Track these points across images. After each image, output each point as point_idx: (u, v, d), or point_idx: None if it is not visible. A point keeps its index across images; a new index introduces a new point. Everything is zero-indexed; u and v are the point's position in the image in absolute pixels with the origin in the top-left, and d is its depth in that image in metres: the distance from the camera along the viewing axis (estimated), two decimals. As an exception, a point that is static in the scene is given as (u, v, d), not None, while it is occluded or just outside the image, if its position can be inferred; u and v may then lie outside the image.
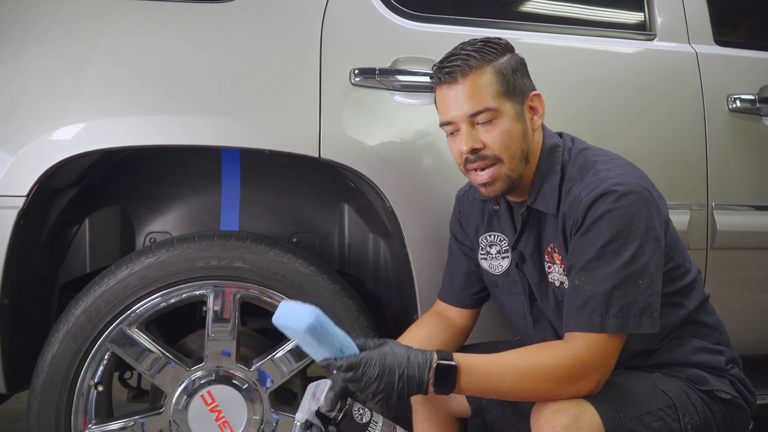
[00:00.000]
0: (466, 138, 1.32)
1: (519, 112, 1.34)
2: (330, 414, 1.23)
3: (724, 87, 1.87)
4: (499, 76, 1.32)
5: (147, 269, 1.58)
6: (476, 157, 1.33)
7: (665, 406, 1.27)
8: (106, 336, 1.58)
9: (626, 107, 1.78)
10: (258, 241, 1.64)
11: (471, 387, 1.21)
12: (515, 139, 1.33)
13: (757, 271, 1.91)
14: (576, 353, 1.21)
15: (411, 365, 1.17)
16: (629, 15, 1.94)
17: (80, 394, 1.58)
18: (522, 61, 1.38)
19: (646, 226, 1.24)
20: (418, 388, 1.18)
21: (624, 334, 1.22)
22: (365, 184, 1.65)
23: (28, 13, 1.53)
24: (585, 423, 1.17)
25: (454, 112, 1.33)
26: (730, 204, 1.86)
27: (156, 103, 1.55)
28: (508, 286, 1.49)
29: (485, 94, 1.31)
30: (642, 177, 1.31)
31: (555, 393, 1.20)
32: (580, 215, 1.26)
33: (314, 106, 1.59)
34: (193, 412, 1.62)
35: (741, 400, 1.36)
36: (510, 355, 1.25)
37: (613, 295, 1.21)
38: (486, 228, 1.52)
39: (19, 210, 1.48)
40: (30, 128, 1.50)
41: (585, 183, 1.29)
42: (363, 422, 1.24)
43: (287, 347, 1.65)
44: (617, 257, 1.22)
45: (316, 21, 1.61)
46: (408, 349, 1.20)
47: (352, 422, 1.24)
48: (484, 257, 1.52)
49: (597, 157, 1.34)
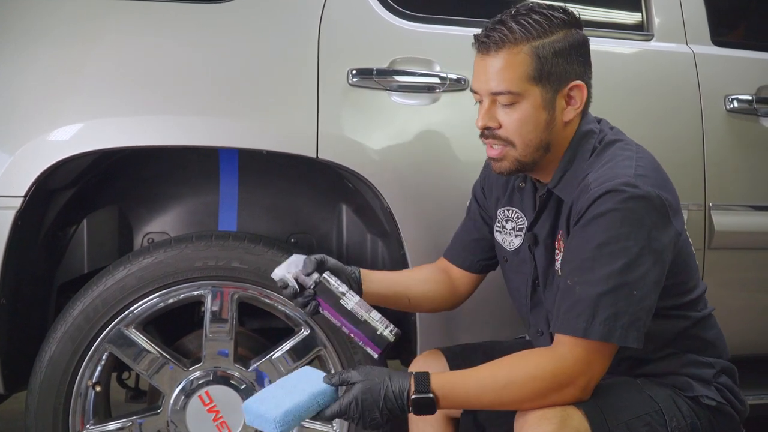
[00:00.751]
0: (483, 115, 1.28)
1: (548, 100, 1.27)
2: (307, 280, 1.34)
3: (722, 87, 1.87)
4: (534, 58, 1.24)
5: (145, 270, 1.58)
6: (489, 134, 1.30)
7: (652, 411, 1.23)
8: (104, 336, 1.58)
9: (623, 107, 1.78)
10: (256, 241, 1.64)
11: (453, 407, 1.22)
12: (534, 128, 1.27)
13: (755, 271, 1.91)
14: (558, 361, 1.17)
15: (389, 399, 1.17)
16: (626, 15, 1.94)
17: (78, 395, 1.59)
18: (576, 42, 1.28)
19: (650, 237, 1.17)
20: (403, 412, 1.19)
21: (611, 344, 1.17)
22: (363, 184, 1.66)
23: (26, 13, 1.53)
24: (571, 429, 1.14)
25: (479, 85, 1.29)
26: (727, 204, 1.86)
27: (154, 104, 1.55)
28: (517, 264, 1.45)
29: (513, 76, 1.24)
30: (663, 186, 1.24)
31: (539, 403, 1.17)
32: (583, 206, 1.20)
33: (312, 107, 1.59)
34: (191, 413, 1.62)
35: (728, 407, 1.31)
36: (489, 369, 1.21)
37: (602, 301, 1.15)
38: (506, 202, 1.47)
39: (17, 210, 1.48)
40: (28, 128, 1.50)
41: (599, 174, 1.23)
42: (340, 291, 1.33)
43: (285, 347, 1.65)
44: (613, 261, 1.16)
45: (314, 21, 1.61)
46: (383, 381, 1.18)
47: (327, 289, 1.33)
48: (499, 230, 1.49)
49: (624, 152, 1.27)
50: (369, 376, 1.19)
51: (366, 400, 1.17)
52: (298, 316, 1.65)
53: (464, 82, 1.67)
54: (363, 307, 1.33)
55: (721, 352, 1.37)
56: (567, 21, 1.28)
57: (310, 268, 1.35)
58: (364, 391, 1.17)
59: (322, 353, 1.67)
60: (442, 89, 1.66)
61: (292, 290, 1.35)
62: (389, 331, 1.31)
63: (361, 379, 1.18)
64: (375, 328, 1.31)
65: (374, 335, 1.31)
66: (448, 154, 1.68)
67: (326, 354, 1.67)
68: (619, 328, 1.15)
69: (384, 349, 1.32)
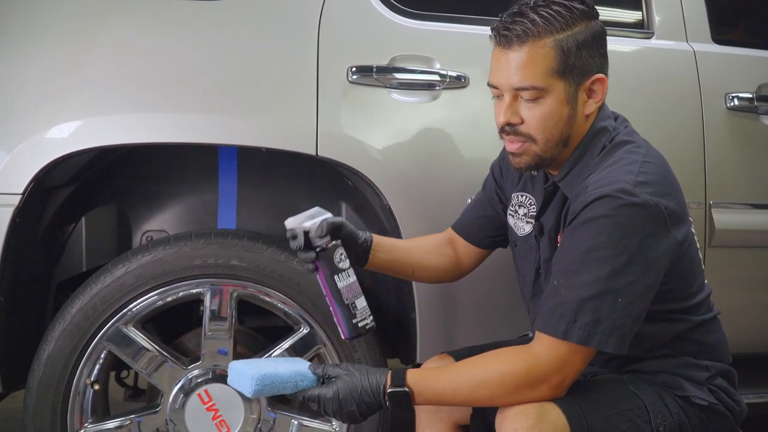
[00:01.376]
0: (505, 110, 1.25)
1: (571, 94, 1.24)
2: (316, 241, 1.32)
3: (722, 85, 1.87)
4: (558, 52, 1.21)
5: (143, 267, 1.57)
6: (511, 130, 1.27)
7: (635, 408, 1.23)
8: (102, 334, 1.57)
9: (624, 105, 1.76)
10: (255, 239, 1.63)
11: (429, 402, 1.24)
12: (556, 123, 1.25)
13: (755, 269, 1.91)
14: (533, 359, 1.17)
15: (365, 392, 1.21)
16: (627, 13, 1.94)
17: (76, 393, 1.58)
18: (597, 34, 1.26)
19: (643, 245, 1.16)
20: (380, 407, 1.21)
21: (589, 348, 1.16)
22: (363, 182, 1.65)
23: (24, 10, 1.53)
24: (548, 424, 1.15)
25: (500, 80, 1.25)
26: (728, 202, 1.86)
27: (153, 101, 1.54)
28: (525, 251, 1.45)
29: (537, 71, 1.21)
30: (666, 194, 1.21)
31: (513, 399, 1.18)
32: (578, 208, 1.20)
33: (312, 104, 1.58)
34: (189, 411, 1.62)
35: (722, 407, 1.30)
36: (466, 366, 1.23)
37: (585, 306, 1.15)
38: (521, 187, 1.46)
39: (15, 208, 1.47)
40: (26, 126, 1.49)
41: (600, 177, 1.21)
42: (339, 266, 1.34)
43: (285, 346, 1.65)
44: (600, 267, 1.15)
45: (314, 18, 1.61)
46: (362, 376, 1.22)
47: (330, 259, 1.33)
48: (512, 214, 1.48)
49: (632, 155, 1.24)
50: (349, 372, 1.23)
51: (344, 392, 1.21)
52: (297, 314, 1.65)
53: (464, 79, 1.66)
54: (352, 291, 1.34)
55: (722, 356, 1.35)
56: (587, 12, 1.25)
57: (323, 231, 1.33)
58: (343, 385, 1.21)
59: (321, 351, 1.66)
60: (442, 86, 1.66)
61: (297, 245, 1.33)
62: (364, 324, 1.35)
63: (341, 374, 1.23)
64: (353, 315, 1.34)
65: (349, 321, 1.34)
66: (448, 152, 1.67)
67: (326, 352, 1.66)
68: (599, 333, 1.15)
69: (353, 336, 1.36)
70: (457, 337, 1.71)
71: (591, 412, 1.19)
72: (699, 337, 1.32)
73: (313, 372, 1.26)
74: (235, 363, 1.30)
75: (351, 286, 1.34)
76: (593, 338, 1.15)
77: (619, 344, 1.16)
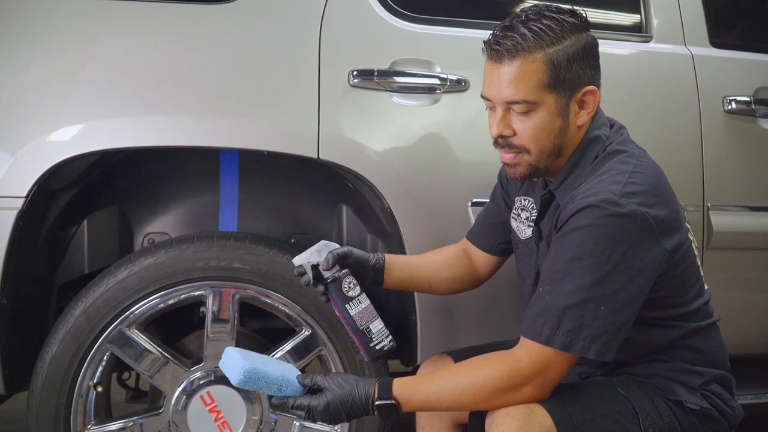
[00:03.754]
0: (498, 123, 1.28)
1: (562, 106, 1.26)
2: (325, 273, 1.38)
3: (720, 88, 1.88)
4: (549, 66, 1.23)
5: (146, 270, 1.58)
6: (504, 142, 1.29)
7: (623, 409, 1.24)
8: (105, 337, 1.58)
9: (622, 109, 1.78)
10: (257, 241, 1.64)
11: (417, 409, 1.28)
12: (548, 135, 1.27)
13: (753, 271, 1.92)
14: (513, 363, 1.19)
15: (355, 405, 1.24)
16: (625, 17, 1.95)
17: (79, 395, 1.59)
18: (588, 45, 1.27)
19: (627, 254, 1.16)
20: (368, 413, 1.25)
21: (572, 354, 1.18)
22: (364, 185, 1.66)
23: (26, 13, 1.53)
24: (535, 425, 1.16)
25: (492, 93, 1.27)
26: (725, 205, 1.87)
27: (155, 104, 1.55)
28: (526, 254, 1.47)
29: (528, 85, 1.23)
30: (655, 204, 1.21)
31: (496, 403, 1.20)
32: (565, 217, 1.22)
33: (313, 108, 1.59)
34: (192, 413, 1.63)
35: (714, 411, 1.30)
36: (449, 374, 1.24)
37: (568, 313, 1.16)
38: (524, 191, 1.49)
39: (18, 211, 1.48)
40: (29, 129, 1.50)
41: (589, 186, 1.23)
42: (349, 295, 1.38)
43: (286, 347, 1.66)
44: (583, 275, 1.16)
45: (315, 22, 1.62)
46: (351, 389, 1.24)
47: (339, 290, 1.38)
48: (515, 218, 1.50)
49: (623, 165, 1.25)
50: (339, 385, 1.25)
51: (334, 405, 1.24)
52: (299, 316, 1.65)
53: (464, 83, 1.67)
54: (366, 316, 1.38)
55: (719, 363, 1.36)
56: (578, 24, 1.27)
57: (329, 263, 1.38)
58: (333, 397, 1.24)
59: (323, 353, 1.67)
60: (443, 90, 1.67)
61: (306, 280, 1.41)
62: (381, 346, 1.39)
63: (328, 387, 1.25)
64: (370, 339, 1.38)
65: (367, 345, 1.39)
66: (448, 155, 1.68)
67: (327, 354, 1.67)
68: (582, 340, 1.16)
69: (373, 359, 1.40)
70: (457, 339, 1.72)
71: (578, 414, 1.20)
72: (694, 344, 1.33)
73: (301, 382, 1.28)
74: (231, 349, 1.31)
75: (364, 311, 1.38)
76: (575, 344, 1.16)
77: (601, 351, 1.17)
